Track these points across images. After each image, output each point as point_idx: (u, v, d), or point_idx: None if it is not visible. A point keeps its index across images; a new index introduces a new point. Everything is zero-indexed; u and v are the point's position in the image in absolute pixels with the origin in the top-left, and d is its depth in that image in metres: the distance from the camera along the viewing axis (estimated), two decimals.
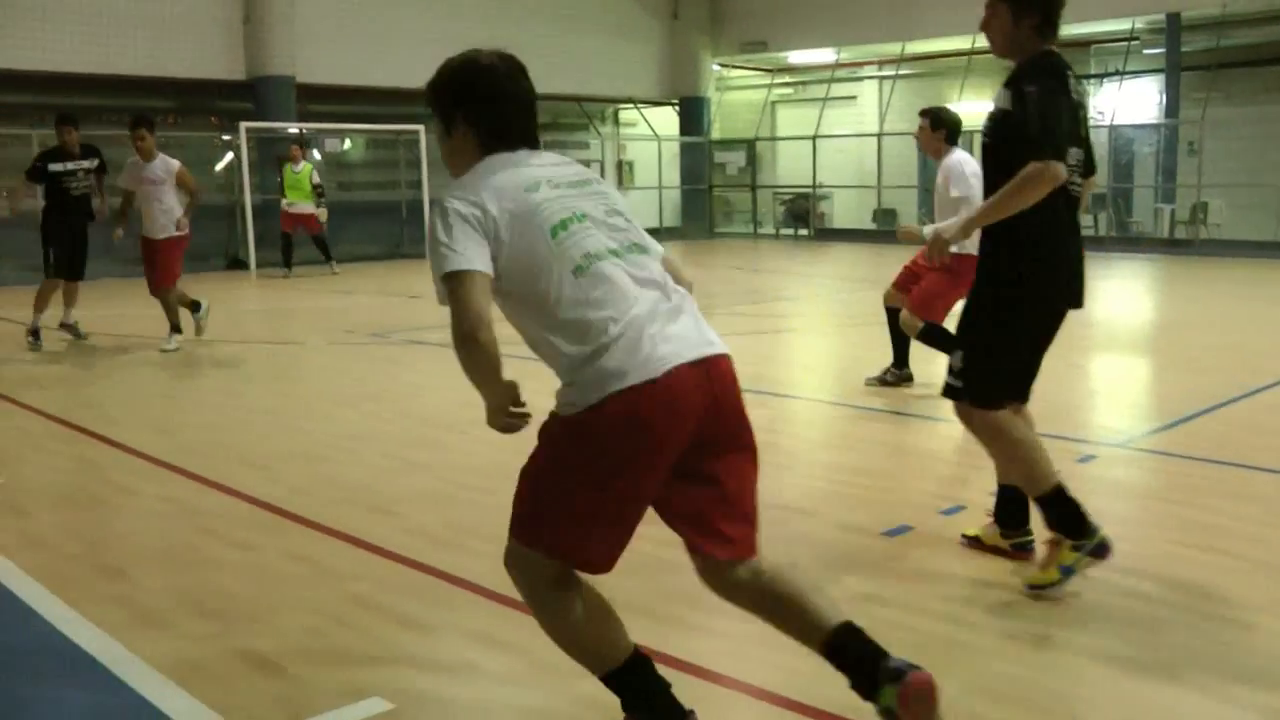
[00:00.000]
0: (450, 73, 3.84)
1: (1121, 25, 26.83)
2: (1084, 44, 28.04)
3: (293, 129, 24.47)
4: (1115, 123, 27.42)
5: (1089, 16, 25.54)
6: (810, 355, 11.99)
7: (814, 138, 30.56)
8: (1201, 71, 25.86)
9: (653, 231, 12.25)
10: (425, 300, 15.47)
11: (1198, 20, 25.60)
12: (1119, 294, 17.60)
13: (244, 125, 22.75)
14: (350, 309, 15.70)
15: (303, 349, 12.09)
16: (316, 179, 20.68)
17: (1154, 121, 26.95)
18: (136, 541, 5.67)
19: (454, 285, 3.39)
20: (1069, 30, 27.03)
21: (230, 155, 23.75)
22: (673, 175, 32.72)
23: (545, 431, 3.45)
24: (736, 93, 34.96)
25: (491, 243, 3.34)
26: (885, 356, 9.48)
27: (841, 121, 31.58)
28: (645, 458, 3.22)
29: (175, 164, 12.00)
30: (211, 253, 22.75)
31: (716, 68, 33.65)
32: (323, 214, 20.59)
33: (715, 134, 33.70)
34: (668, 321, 3.34)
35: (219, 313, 13.30)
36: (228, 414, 8.80)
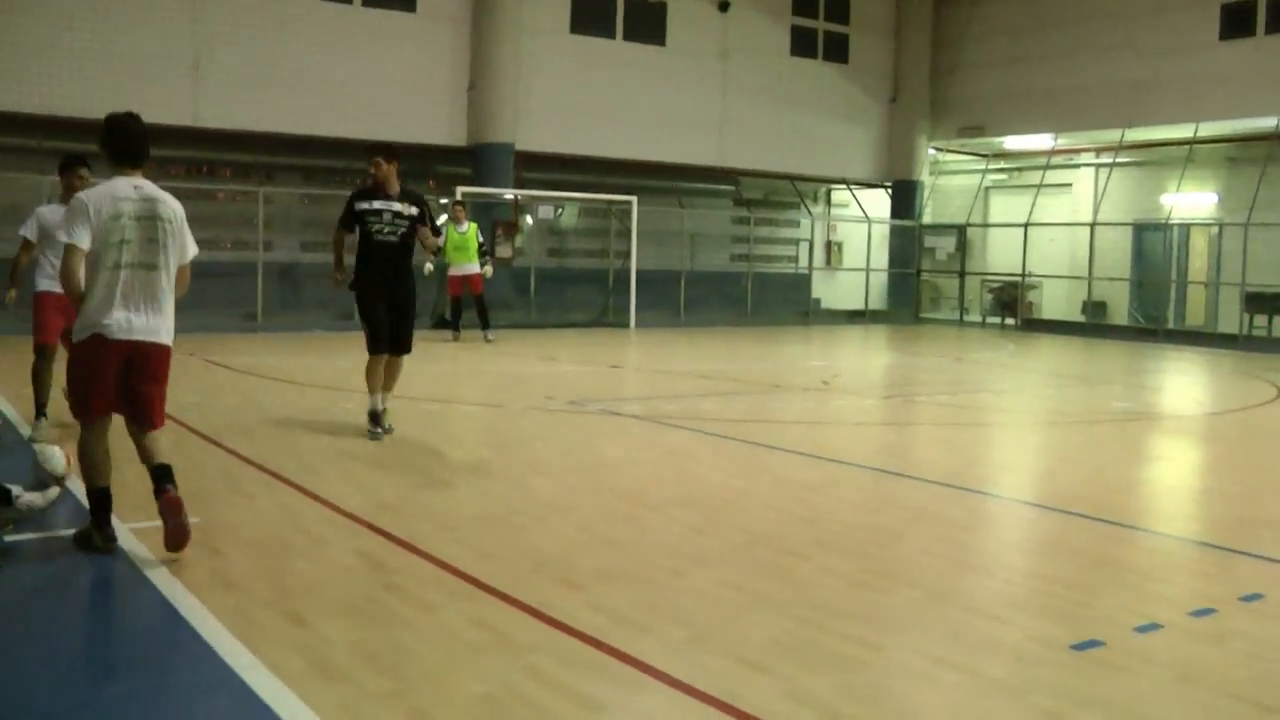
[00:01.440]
0: None
1: None
2: None
3: (508, 195, 24.98)
4: None
5: None
6: (1012, 453, 11.60)
7: (1026, 225, 30.00)
8: None
9: (858, 313, 12.17)
10: (626, 370, 15.56)
11: None
12: None
13: (460, 189, 23.25)
14: (552, 375, 15.84)
15: (502, 413, 12.20)
16: (481, 238, 20.84)
17: None
18: (323, 592, 5.72)
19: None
20: None
21: (444, 218, 24.28)
22: (881, 258, 32.52)
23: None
24: (950, 177, 34.57)
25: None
26: (1092, 457, 9.14)
27: (1055, 209, 30.95)
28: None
29: None
30: (422, 312, 23.25)
31: (932, 152, 33.37)
32: (488, 271, 20.72)
33: (926, 218, 33.36)
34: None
35: (425, 373, 13.53)
36: (424, 473, 8.88)
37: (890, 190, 33.09)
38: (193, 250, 6.54)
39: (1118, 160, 30.23)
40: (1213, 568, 6.95)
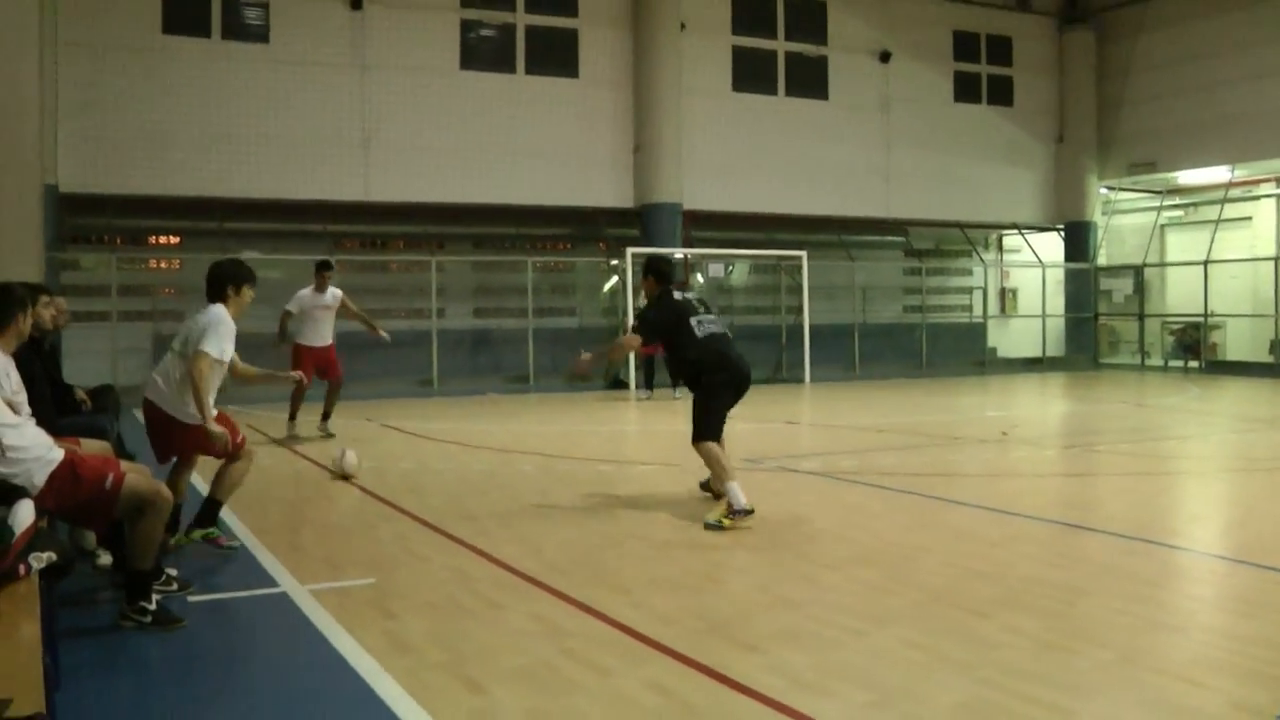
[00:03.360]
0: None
1: None
2: None
3: (678, 254, 25.09)
4: None
5: None
6: (1201, 502, 11.15)
7: (1206, 263, 29.11)
8: None
9: (1035, 361, 11.86)
10: (802, 426, 15.41)
11: None
12: None
13: (630, 250, 23.41)
14: (726, 433, 15.69)
15: (677, 472, 12.11)
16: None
17: None
18: (498, 656, 5.71)
19: None
20: None
21: (615, 279, 24.50)
22: (1057, 303, 31.88)
23: None
24: (1123, 216, 33.76)
25: None
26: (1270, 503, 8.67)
27: (1235, 245, 29.98)
28: None
29: None
30: (594, 374, 23.53)
31: (1103, 191, 32.69)
32: None
33: (1101, 260, 32.65)
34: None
35: (598, 434, 13.55)
36: (596, 534, 8.84)
37: (1063, 233, 32.48)
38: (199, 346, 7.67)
39: None
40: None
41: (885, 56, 28.94)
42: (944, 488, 10.92)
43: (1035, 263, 31.39)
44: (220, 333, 7.63)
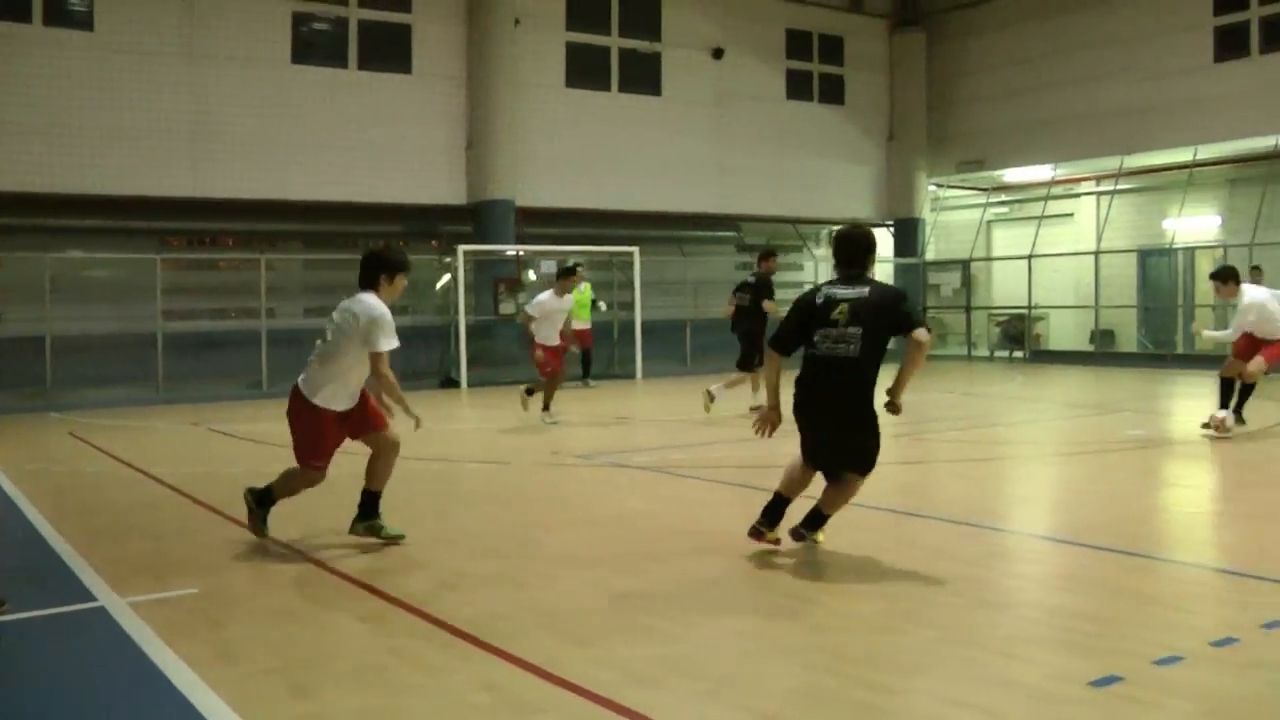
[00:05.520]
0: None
1: None
2: None
3: (510, 251, 24.98)
4: None
5: None
6: (1027, 486, 11.48)
7: (1030, 257, 29.95)
8: None
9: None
10: (635, 422, 15.47)
11: None
12: None
13: (462, 248, 23.26)
14: (557, 430, 15.70)
15: (509, 469, 12.09)
16: (593, 295, 22.66)
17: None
18: (328, 660, 5.61)
19: None
20: None
21: (448, 276, 24.29)
22: None
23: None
24: (951, 213, 34.57)
25: None
26: (1106, 486, 9.01)
27: (1058, 240, 30.89)
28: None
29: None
30: (427, 372, 23.33)
31: (932, 188, 33.42)
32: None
33: (930, 254, 33.37)
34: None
35: (430, 431, 13.40)
36: (430, 531, 8.77)
37: (892, 228, 33.13)
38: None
39: (1118, 187, 30.24)
40: (1234, 595, 6.81)
41: (719, 53, 29.16)
42: (777, 479, 11.00)
43: None
44: (387, 327, 7.98)
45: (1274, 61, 25.93)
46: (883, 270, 32.10)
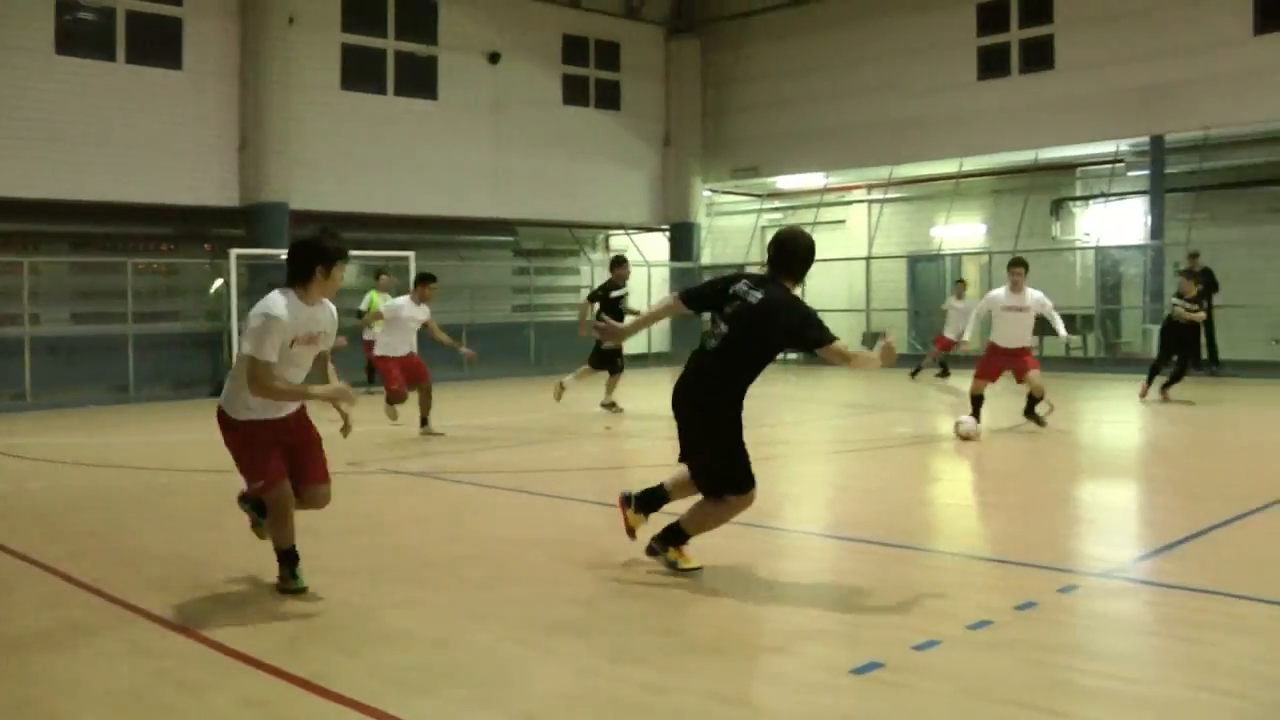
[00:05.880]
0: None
1: (1106, 148, 27.15)
2: (1070, 167, 28.47)
3: (284, 255, 24.49)
4: (1102, 244, 27.64)
5: (1074, 140, 26.07)
6: (796, 484, 11.79)
7: None
8: (1186, 193, 26.08)
9: (641, 356, 12.12)
10: (407, 428, 15.39)
11: (1181, 144, 25.91)
12: (1108, 415, 17.51)
13: (234, 252, 22.78)
14: (328, 437, 15.46)
15: None
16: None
17: (1140, 243, 27.04)
18: (87, 686, 5.43)
19: None
20: (1056, 153, 27.81)
21: (220, 281, 23.78)
22: None
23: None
24: (727, 218, 35.22)
25: None
26: (874, 482, 9.31)
27: (831, 245, 31.64)
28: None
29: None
30: (198, 380, 22.79)
31: (707, 193, 33.94)
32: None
33: (705, 259, 33.87)
34: None
35: (197, 443, 13.16)
36: (200, 545, 8.59)
37: (669, 233, 33.52)
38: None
39: (889, 196, 31.24)
40: (991, 581, 7.15)
41: (495, 58, 29.10)
42: (551, 484, 11.11)
43: (641, 262, 32.21)
44: (262, 330, 6.91)
45: (1032, 81, 27.13)
46: (659, 274, 32.49)
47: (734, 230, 34.83)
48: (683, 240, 33.35)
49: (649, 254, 32.47)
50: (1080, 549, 8.20)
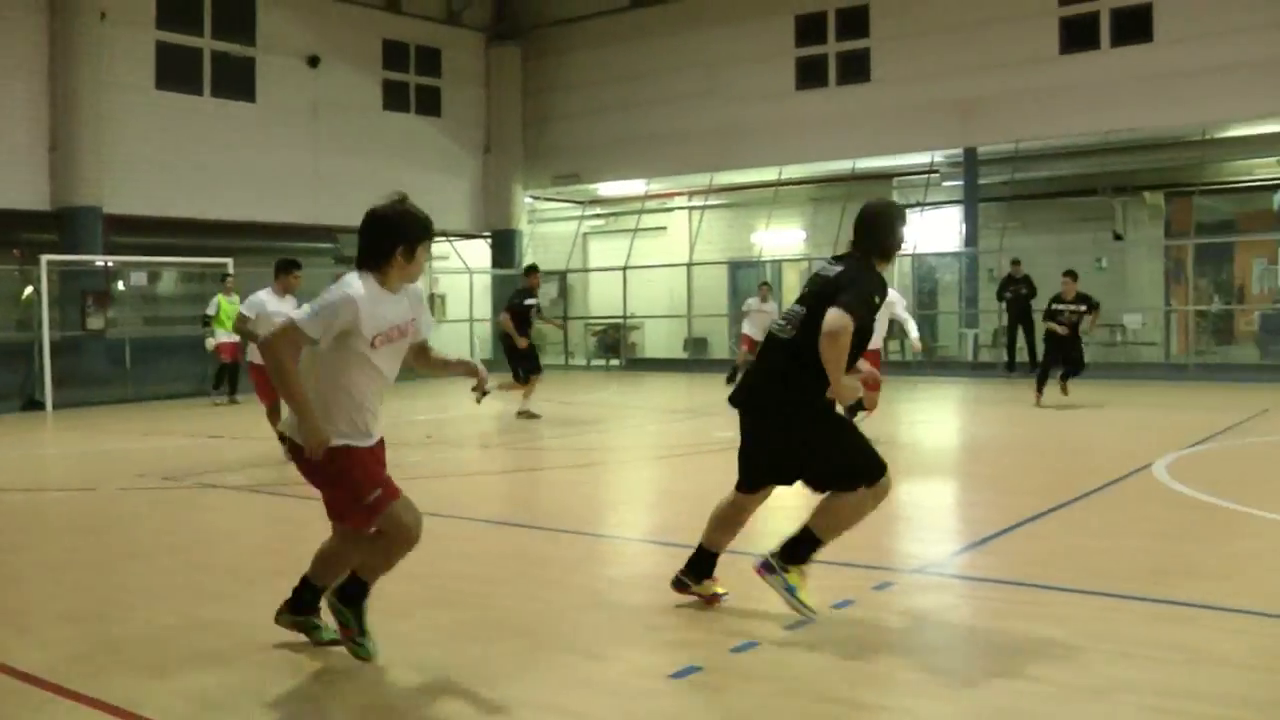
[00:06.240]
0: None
1: (922, 159, 27.81)
2: (887, 176, 29.03)
3: (99, 262, 23.88)
4: (918, 251, 28.28)
5: (891, 151, 26.69)
6: (618, 491, 11.82)
7: (624, 268, 30.85)
8: (999, 203, 26.89)
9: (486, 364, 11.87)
10: (227, 440, 15.09)
11: (993, 155, 26.72)
12: (924, 417, 17.92)
13: (45, 258, 22.02)
14: (149, 450, 15.15)
15: (94, 496, 11.56)
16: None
17: (955, 250, 27.78)
18: None
19: None
20: (874, 163, 28.44)
21: (31, 288, 22.98)
22: (484, 308, 32.65)
23: None
24: (548, 225, 35.27)
25: None
26: (694, 487, 9.38)
27: (652, 252, 31.96)
28: None
29: None
30: (7, 393, 21.92)
31: (529, 200, 33.91)
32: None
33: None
34: None
35: (4, 459, 12.77)
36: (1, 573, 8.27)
37: (490, 240, 33.41)
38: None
39: (709, 203, 31.57)
40: (812, 581, 7.24)
41: (314, 61, 28.70)
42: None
43: (463, 269, 32.08)
44: (320, 305, 5.68)
45: (850, 93, 27.72)
46: (480, 281, 32.37)
47: (556, 237, 34.89)
48: (505, 247, 33.29)
49: (471, 261, 32.34)
50: (896, 547, 8.36)
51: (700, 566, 6.57)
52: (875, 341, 13.87)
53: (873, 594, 6.75)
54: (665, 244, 32.63)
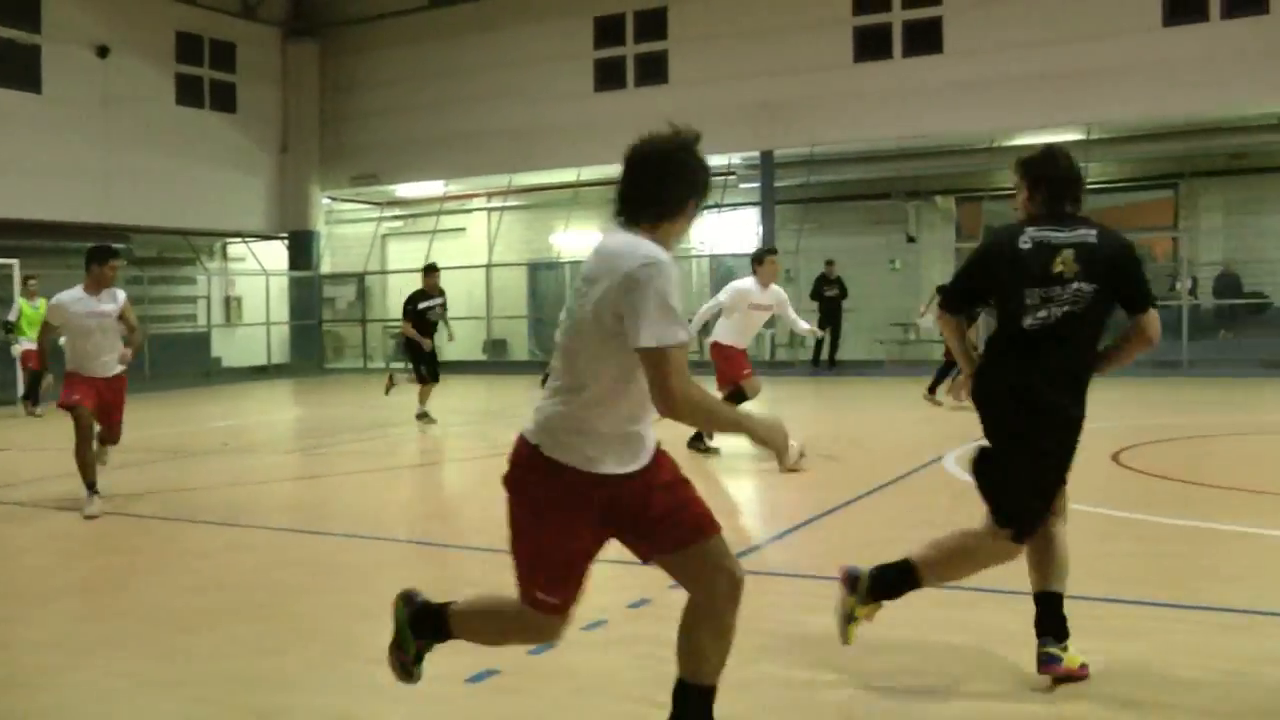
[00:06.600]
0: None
1: (719, 161, 28.11)
2: None
3: None
4: (716, 252, 28.65)
5: None
6: (416, 495, 11.72)
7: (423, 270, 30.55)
8: (795, 205, 27.42)
9: (261, 369, 11.79)
10: (12, 452, 14.55)
11: (790, 159, 27.22)
12: None
13: None
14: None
15: None
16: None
17: (753, 251, 28.15)
18: None
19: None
20: None
21: None
22: (282, 311, 32.08)
23: None
24: (347, 226, 34.79)
25: None
26: (491, 491, 9.25)
27: (451, 254, 31.69)
28: None
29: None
30: None
31: (326, 201, 33.41)
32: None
33: (325, 268, 33.35)
34: None
35: None
36: None
37: (288, 242, 32.81)
38: None
39: (508, 204, 31.48)
40: (604, 581, 7.13)
41: (104, 51, 27.68)
42: (169, 504, 10.63)
43: (260, 271, 31.45)
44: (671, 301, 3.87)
45: (647, 94, 27.96)
46: (277, 283, 31.79)
47: (354, 238, 34.43)
48: (302, 249, 32.72)
49: (268, 263, 31.71)
50: None
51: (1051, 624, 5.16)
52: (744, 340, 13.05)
53: (669, 592, 6.70)
54: (464, 245, 32.44)
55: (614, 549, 6.64)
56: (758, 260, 13.04)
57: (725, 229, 29.23)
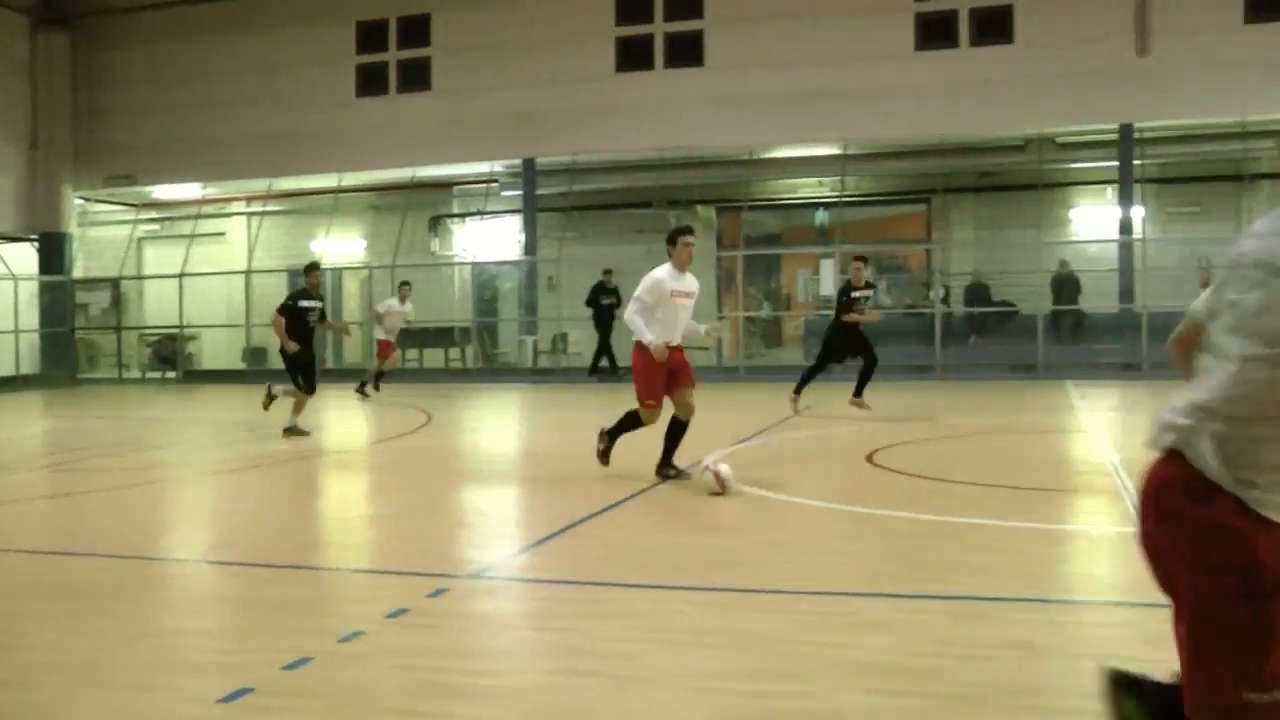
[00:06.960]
0: None
1: (482, 169, 28.30)
2: (448, 185, 29.43)
3: None
4: (478, 259, 28.79)
5: (450, 160, 27.02)
6: (170, 509, 11.41)
7: (181, 276, 29.92)
8: (557, 213, 27.68)
9: (8, 380, 11.41)
10: None
11: (552, 167, 27.50)
12: (485, 424, 18.22)
13: None
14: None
15: None
16: None
17: (515, 259, 28.37)
18: None
19: None
20: (434, 171, 28.79)
21: None
22: (31, 318, 30.89)
23: None
24: (101, 228, 33.73)
25: None
26: (250, 503, 9.17)
27: (210, 259, 31.10)
28: None
29: None
30: None
31: (79, 201, 32.36)
32: None
33: (78, 272, 32.30)
34: None
35: None
36: None
37: (37, 244, 31.64)
38: None
39: (268, 209, 31.04)
40: (361, 592, 7.27)
41: None
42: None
43: (7, 275, 30.28)
44: None
45: (410, 100, 28.00)
46: (26, 288, 30.67)
47: (109, 241, 33.40)
48: (53, 251, 31.57)
49: (15, 266, 30.51)
50: (452, 553, 8.46)
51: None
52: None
53: (428, 601, 6.82)
54: (224, 251, 31.84)
55: (376, 559, 6.71)
56: (671, 241, 11.35)
57: (487, 236, 29.38)
